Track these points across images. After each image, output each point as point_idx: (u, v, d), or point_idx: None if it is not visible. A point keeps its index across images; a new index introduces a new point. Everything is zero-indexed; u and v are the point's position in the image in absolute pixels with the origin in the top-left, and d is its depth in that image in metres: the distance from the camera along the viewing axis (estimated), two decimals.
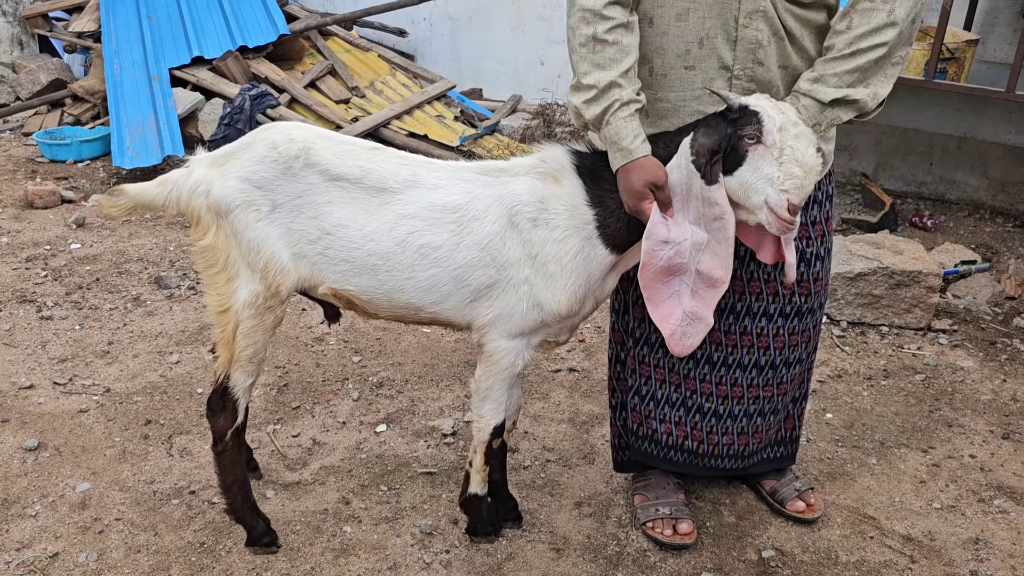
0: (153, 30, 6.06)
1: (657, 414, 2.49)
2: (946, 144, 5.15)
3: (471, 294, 2.12)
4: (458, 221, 2.08)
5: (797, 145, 1.89)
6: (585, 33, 1.99)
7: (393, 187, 2.09)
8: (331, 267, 2.12)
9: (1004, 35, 4.95)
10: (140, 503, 2.57)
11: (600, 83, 1.99)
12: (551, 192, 2.09)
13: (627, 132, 1.99)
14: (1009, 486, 2.83)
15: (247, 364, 2.21)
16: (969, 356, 3.63)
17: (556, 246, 2.08)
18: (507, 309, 2.12)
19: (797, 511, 2.62)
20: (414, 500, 2.63)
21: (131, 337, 3.46)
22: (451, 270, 2.09)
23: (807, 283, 2.37)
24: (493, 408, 2.27)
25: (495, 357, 2.19)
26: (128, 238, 4.35)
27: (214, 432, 2.30)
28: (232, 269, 2.12)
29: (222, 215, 2.09)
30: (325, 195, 2.08)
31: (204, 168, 2.12)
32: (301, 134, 2.12)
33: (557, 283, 2.09)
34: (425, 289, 2.11)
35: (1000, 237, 4.86)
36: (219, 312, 2.17)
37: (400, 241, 2.08)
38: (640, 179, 1.98)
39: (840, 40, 2.02)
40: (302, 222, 2.09)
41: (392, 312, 2.20)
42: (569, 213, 2.09)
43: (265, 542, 2.40)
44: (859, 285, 3.78)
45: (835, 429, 3.10)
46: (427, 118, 6.08)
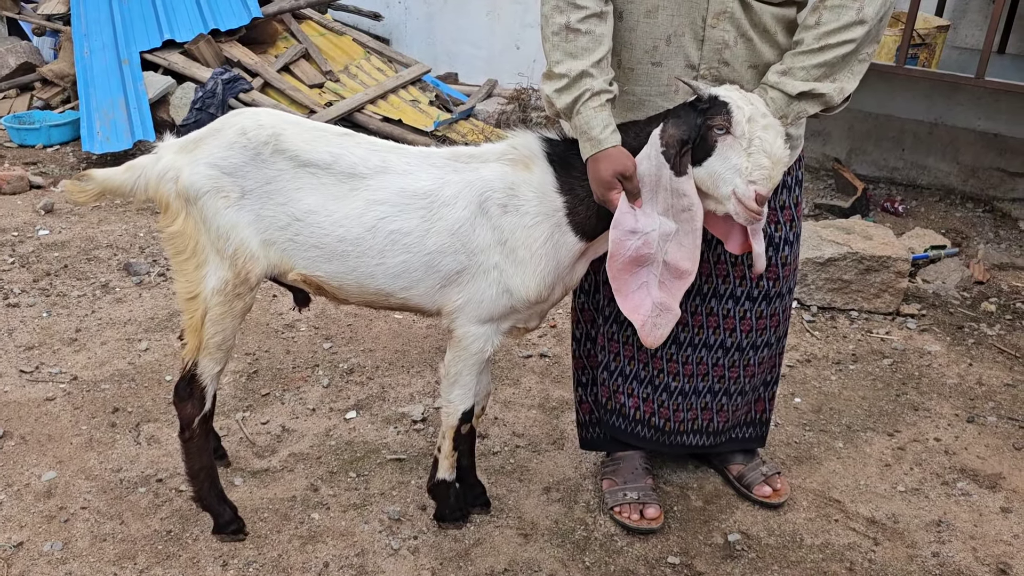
0: (124, 12, 5.98)
1: (625, 389, 2.52)
2: (917, 130, 5.18)
3: (441, 280, 2.12)
4: (428, 207, 2.08)
5: (766, 136, 1.90)
6: (559, 22, 2.00)
7: (363, 173, 2.09)
8: (301, 253, 2.11)
9: (975, 21, 4.98)
10: (106, 491, 2.56)
11: (572, 72, 1.99)
12: (521, 178, 2.10)
13: (597, 122, 2.00)
14: (972, 469, 2.87)
15: (215, 351, 2.20)
16: (936, 340, 3.67)
17: (526, 232, 2.08)
18: (477, 295, 2.12)
19: (763, 496, 2.65)
20: (383, 487, 2.63)
21: (99, 324, 3.43)
22: (421, 256, 2.09)
23: (775, 268, 2.39)
24: (462, 393, 2.28)
25: (465, 342, 2.19)
26: (97, 224, 4.31)
27: (181, 419, 2.29)
28: (201, 256, 2.11)
29: (191, 201, 2.08)
30: (295, 181, 2.08)
31: (173, 154, 2.11)
32: (271, 120, 2.12)
33: (527, 269, 2.09)
34: (395, 275, 2.12)
35: (970, 222, 4.90)
36: (188, 299, 2.16)
37: (370, 227, 2.08)
38: (608, 169, 1.99)
39: (809, 35, 2.04)
40: (271, 208, 2.09)
41: (362, 298, 2.20)
42: (539, 200, 2.09)
43: (232, 529, 2.39)
44: (829, 270, 3.80)
45: (803, 413, 3.13)
46: (402, 103, 6.04)
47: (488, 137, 5.92)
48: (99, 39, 5.80)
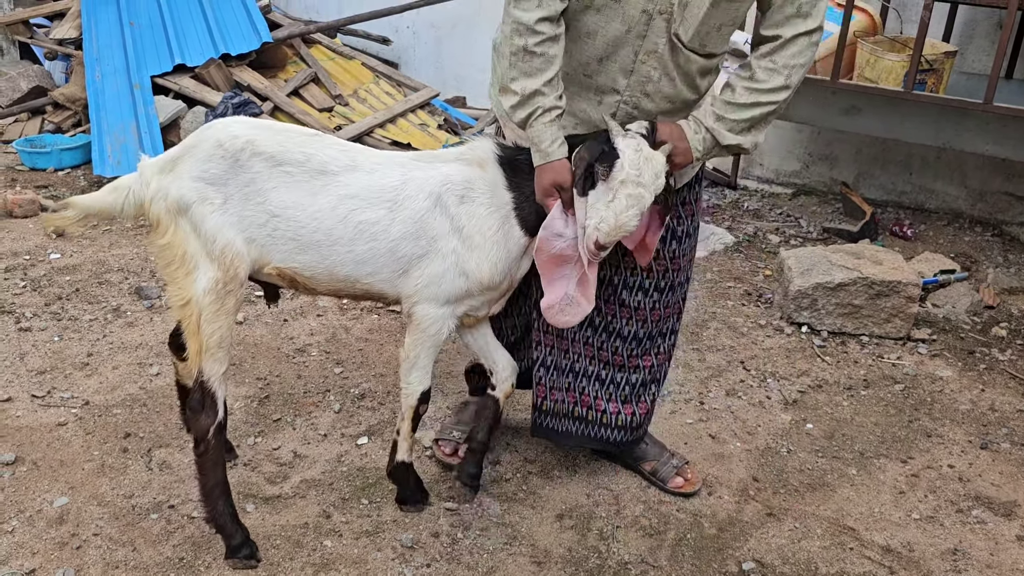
0: (135, 37, 6.03)
1: (559, 383, 2.70)
2: (925, 154, 5.19)
3: (404, 265, 2.34)
4: (393, 200, 2.31)
5: (624, 203, 2.13)
6: (517, 44, 2.16)
7: (334, 170, 2.30)
8: (278, 247, 2.30)
9: (982, 47, 5.00)
10: (118, 518, 2.55)
11: (526, 90, 2.18)
12: (476, 175, 2.36)
13: (547, 136, 2.22)
14: (987, 496, 2.85)
15: (216, 350, 2.29)
16: (948, 366, 3.66)
17: (480, 221, 2.33)
18: (435, 277, 2.34)
19: (677, 487, 2.78)
20: (395, 514, 2.62)
21: (111, 349, 3.44)
22: (386, 243, 2.31)
23: (678, 259, 2.60)
24: (420, 375, 2.47)
25: (423, 324, 2.39)
26: (108, 248, 4.33)
27: (196, 433, 2.34)
28: (190, 262, 2.25)
29: (180, 213, 2.23)
30: (271, 181, 2.26)
31: (156, 176, 2.24)
32: (242, 129, 2.28)
33: (481, 253, 2.34)
34: (362, 261, 2.32)
35: (979, 246, 4.90)
36: (181, 306, 2.29)
37: (342, 218, 2.28)
38: (549, 179, 2.24)
39: (741, 87, 2.26)
40: (251, 208, 2.26)
41: (331, 286, 2.39)
42: (491, 193, 2.35)
43: (244, 555, 2.39)
44: (839, 295, 3.80)
45: (815, 439, 3.12)
46: (410, 126, 6.07)
47: None
48: (111, 63, 5.84)
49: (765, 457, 3.01)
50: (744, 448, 3.05)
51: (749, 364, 3.59)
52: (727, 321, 3.94)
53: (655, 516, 2.69)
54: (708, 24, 2.21)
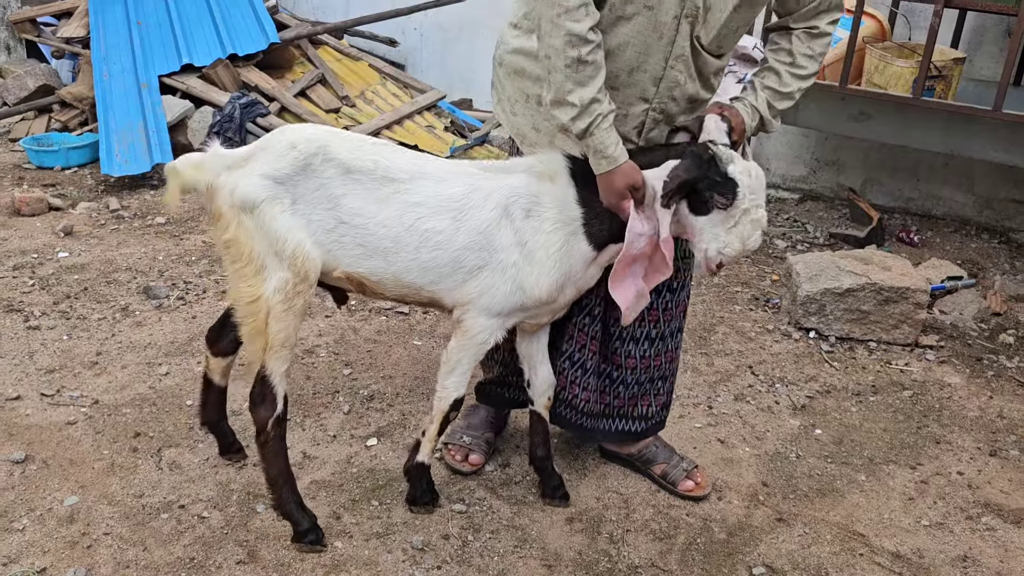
0: (143, 37, 6.04)
1: (582, 381, 2.71)
2: (933, 160, 5.19)
3: (465, 275, 2.33)
4: (459, 209, 2.30)
5: (748, 229, 2.22)
6: (571, 55, 2.14)
7: (402, 178, 2.30)
8: (345, 252, 2.30)
9: (991, 53, 5.00)
10: (129, 517, 2.55)
11: (584, 100, 2.17)
12: (545, 189, 2.34)
13: (610, 141, 2.21)
14: (996, 503, 2.85)
15: (280, 349, 2.31)
16: (956, 372, 3.66)
17: (544, 237, 2.31)
18: (491, 288, 2.33)
19: (687, 490, 2.79)
20: (405, 515, 2.62)
21: (120, 348, 3.44)
22: (450, 252, 2.30)
23: (688, 259, 2.65)
24: (457, 380, 2.47)
25: (472, 332, 2.38)
26: (116, 247, 4.33)
27: (256, 423, 2.40)
28: (258, 261, 2.25)
29: (246, 211, 2.23)
30: (341, 187, 2.27)
31: (224, 170, 2.26)
32: (317, 133, 2.31)
33: (541, 269, 2.32)
34: (426, 269, 2.32)
35: (986, 253, 4.90)
36: (248, 303, 2.29)
37: (408, 226, 2.28)
38: (622, 181, 2.23)
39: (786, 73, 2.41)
40: (320, 213, 2.27)
41: (397, 291, 2.39)
42: (559, 209, 2.32)
43: (310, 539, 2.45)
44: (847, 301, 3.80)
45: (824, 445, 3.12)
46: (417, 128, 6.08)
47: None
48: (118, 63, 5.85)
49: (774, 462, 3.01)
50: (753, 453, 3.05)
51: (757, 369, 3.59)
52: (735, 326, 3.94)
53: (665, 520, 2.69)
54: (728, 27, 2.27)
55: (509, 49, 2.49)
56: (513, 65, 2.49)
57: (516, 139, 2.59)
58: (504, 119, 2.60)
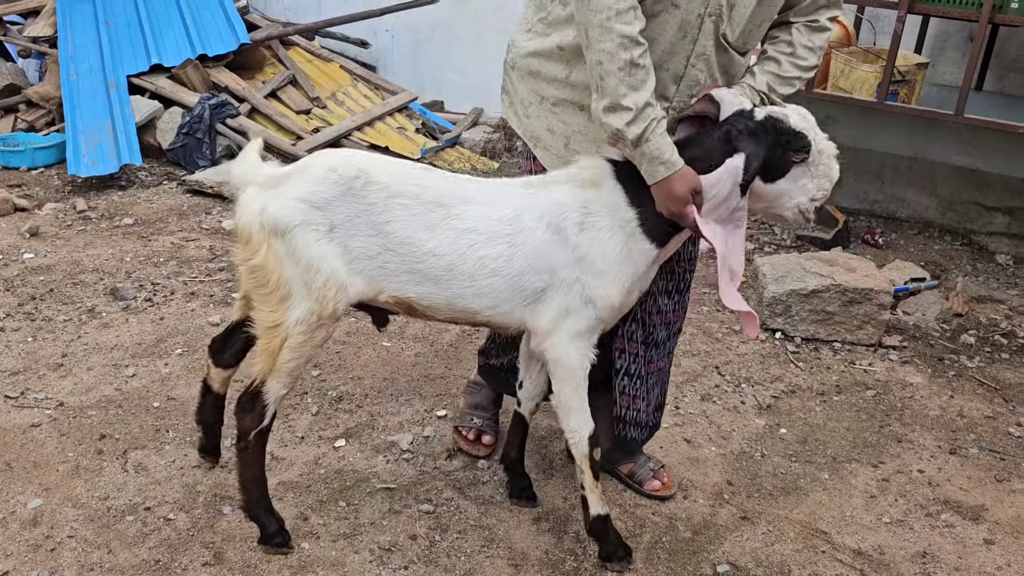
0: (111, 36, 5.98)
1: (641, 392, 2.74)
2: (897, 164, 5.27)
3: (526, 298, 2.27)
4: (512, 233, 2.22)
5: (829, 163, 2.21)
6: (624, 58, 2.09)
7: (450, 203, 2.21)
8: (392, 279, 2.22)
9: (953, 59, 5.09)
10: (94, 520, 2.54)
11: (638, 104, 2.12)
12: (591, 196, 2.25)
13: (666, 146, 2.16)
14: (956, 501, 2.91)
15: (286, 376, 2.28)
16: (918, 372, 3.72)
17: (602, 245, 2.24)
18: (562, 311, 2.26)
19: (654, 489, 2.82)
20: (373, 516, 2.63)
21: (85, 350, 3.41)
22: (508, 278, 2.23)
23: (693, 261, 2.68)
24: (579, 418, 2.36)
25: (562, 362, 2.31)
26: (83, 248, 4.29)
27: (239, 429, 2.35)
28: (285, 288, 2.17)
29: (277, 235, 2.13)
30: (385, 213, 2.17)
31: (258, 188, 2.18)
32: (358, 157, 2.23)
33: (607, 278, 2.24)
34: (484, 295, 2.25)
35: (948, 255, 4.98)
36: (269, 327, 2.23)
37: (461, 254, 2.21)
38: (684, 187, 2.16)
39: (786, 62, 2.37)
40: (361, 240, 2.18)
41: (450, 315, 2.32)
42: (611, 214, 2.25)
43: (277, 542, 2.44)
44: (813, 302, 3.85)
45: (789, 444, 3.16)
46: (388, 130, 6.07)
47: (475, 165, 5.96)
48: (86, 62, 5.79)
49: (739, 461, 3.04)
50: (719, 452, 3.08)
51: (724, 369, 3.63)
52: (702, 326, 3.98)
53: (631, 519, 2.72)
54: (753, 22, 2.27)
55: (523, 53, 2.46)
56: (527, 67, 2.45)
57: (529, 142, 2.53)
58: (516, 123, 2.55)
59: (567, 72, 2.36)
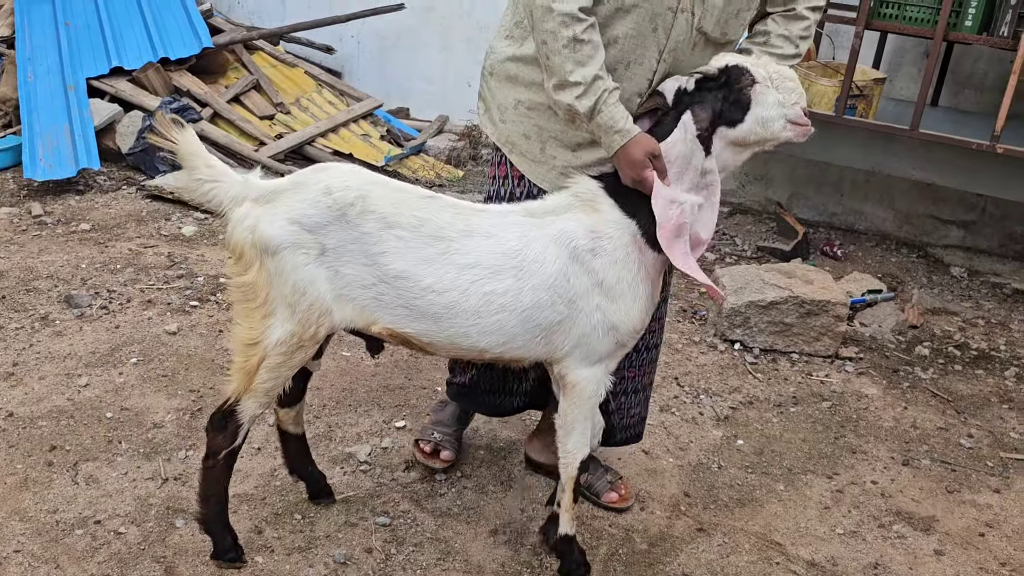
0: (71, 38, 5.89)
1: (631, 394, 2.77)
2: (855, 177, 5.35)
3: (539, 332, 2.21)
4: (519, 266, 2.16)
5: (777, 68, 2.19)
6: (566, 35, 2.13)
7: (450, 236, 2.15)
8: (387, 311, 2.15)
9: (910, 74, 5.18)
10: (41, 534, 2.49)
11: (586, 78, 2.15)
12: (595, 220, 2.23)
13: (619, 115, 2.18)
14: (907, 512, 2.95)
15: (262, 396, 2.24)
16: (873, 384, 3.77)
17: (620, 267, 2.21)
18: (583, 338, 2.22)
19: (611, 501, 2.83)
20: (328, 529, 2.61)
21: (38, 358, 3.35)
22: (518, 313, 2.16)
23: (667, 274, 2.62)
24: (578, 441, 2.35)
25: (579, 388, 2.28)
26: (38, 254, 4.22)
27: (209, 447, 2.32)
28: (269, 307, 2.13)
29: (267, 253, 2.09)
30: (380, 244, 2.11)
31: (252, 202, 2.12)
32: (357, 180, 2.15)
33: (627, 301, 2.22)
34: (491, 332, 2.18)
35: (905, 267, 5.06)
36: (247, 344, 2.18)
37: (464, 291, 2.14)
38: (639, 151, 2.17)
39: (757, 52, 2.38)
40: (354, 268, 2.12)
41: (453, 352, 2.27)
42: (619, 233, 2.23)
43: (230, 557, 2.41)
44: (771, 313, 3.89)
45: (745, 455, 3.19)
46: (352, 136, 6.05)
47: (439, 173, 5.95)
48: (44, 63, 5.70)
49: (697, 473, 3.06)
50: (676, 464, 3.10)
51: (683, 380, 3.66)
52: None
53: (588, 531, 2.72)
54: (727, 12, 2.30)
55: (501, 58, 2.47)
56: (505, 72, 2.46)
57: (504, 148, 2.52)
58: (491, 128, 2.55)
59: (543, 76, 2.37)
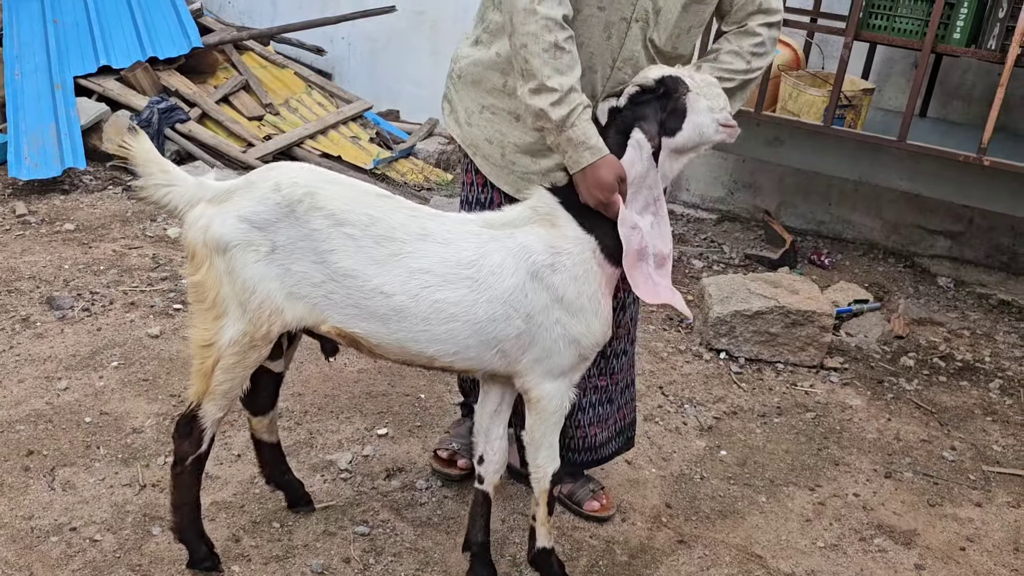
0: (59, 36, 5.85)
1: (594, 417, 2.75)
2: (843, 186, 5.35)
3: (495, 344, 2.18)
4: (474, 277, 2.12)
5: (702, 76, 2.24)
6: (548, 39, 2.12)
7: (403, 238, 2.11)
8: (336, 310, 2.13)
9: (899, 84, 5.19)
10: (16, 540, 2.47)
11: (563, 87, 2.13)
12: (553, 235, 2.20)
13: (591, 132, 2.17)
14: (889, 525, 2.95)
15: (220, 399, 2.22)
16: (858, 395, 3.77)
17: (579, 283, 2.19)
18: (544, 352, 2.20)
19: (593, 510, 2.82)
20: (306, 538, 2.59)
21: (17, 361, 3.32)
22: (471, 324, 2.13)
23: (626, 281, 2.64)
24: (548, 454, 2.34)
25: (543, 403, 2.26)
26: (20, 254, 4.19)
27: (176, 453, 2.30)
28: (221, 307, 2.12)
29: (218, 252, 2.08)
30: (329, 241, 2.08)
31: (205, 203, 2.12)
32: (307, 177, 2.12)
33: (587, 315, 2.20)
34: (442, 341, 2.15)
35: (892, 277, 5.07)
36: (202, 346, 2.18)
37: (414, 295, 2.10)
38: (610, 174, 2.16)
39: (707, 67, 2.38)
40: (304, 265, 2.10)
41: (403, 357, 2.22)
42: (578, 249, 2.21)
43: (206, 566, 2.40)
44: (757, 323, 3.89)
45: (728, 466, 3.18)
46: (342, 139, 6.03)
47: (428, 176, 5.93)
48: (31, 61, 5.66)
49: (679, 483, 3.06)
50: (659, 474, 3.09)
51: (668, 389, 3.65)
52: (648, 346, 4.00)
53: (568, 542, 2.71)
54: (680, 27, 2.32)
55: (468, 62, 2.47)
56: (472, 76, 2.45)
57: (468, 150, 2.52)
58: (456, 131, 2.55)
59: (503, 80, 2.38)
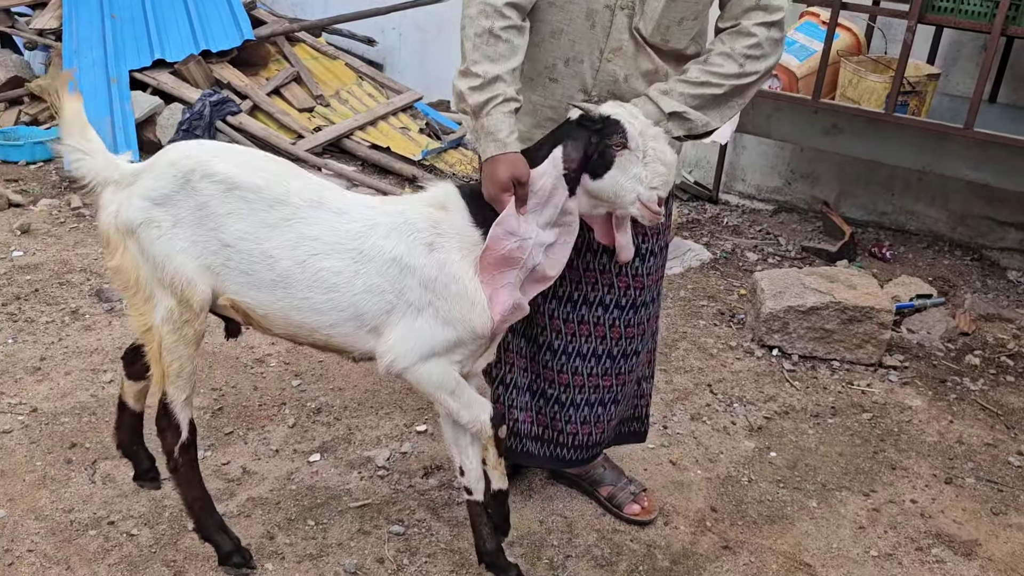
0: (115, 30, 5.95)
1: (518, 402, 2.64)
2: (907, 176, 5.14)
3: (368, 321, 2.16)
4: (359, 248, 2.12)
5: (658, 146, 2.10)
6: (483, 25, 2.08)
7: (296, 203, 2.12)
8: (232, 278, 2.15)
9: (967, 69, 4.95)
10: (55, 533, 2.49)
11: (487, 75, 2.09)
12: (440, 217, 2.17)
13: (504, 126, 2.10)
14: (948, 534, 2.80)
15: (176, 379, 2.23)
16: (918, 395, 3.60)
17: (454, 267, 2.14)
18: (411, 332, 2.15)
19: (633, 514, 2.74)
20: (341, 536, 2.56)
21: (65, 353, 3.36)
22: (348, 296, 2.13)
23: (641, 278, 2.52)
24: (471, 411, 2.25)
25: (423, 381, 2.20)
26: (73, 247, 4.25)
27: (164, 450, 2.32)
28: (146, 289, 2.16)
29: (129, 235, 2.12)
30: (225, 206, 2.10)
31: (114, 186, 2.13)
32: (200, 151, 2.15)
33: (461, 303, 2.14)
34: (321, 311, 2.14)
35: (957, 270, 4.86)
36: (144, 331, 2.21)
37: (300, 261, 2.11)
38: (506, 172, 2.09)
39: (694, 68, 2.25)
40: (203, 234, 2.12)
41: (286, 330, 2.21)
42: (460, 236, 2.16)
43: (235, 561, 2.37)
44: (811, 319, 3.75)
45: (778, 469, 3.06)
46: (391, 130, 6.00)
47: (476, 167, 5.87)
48: (89, 56, 5.76)
49: (725, 486, 2.95)
50: (705, 476, 2.99)
51: (716, 387, 3.54)
52: (697, 342, 3.88)
53: (608, 546, 2.64)
54: (668, 17, 2.22)
55: None
56: None
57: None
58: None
59: None
